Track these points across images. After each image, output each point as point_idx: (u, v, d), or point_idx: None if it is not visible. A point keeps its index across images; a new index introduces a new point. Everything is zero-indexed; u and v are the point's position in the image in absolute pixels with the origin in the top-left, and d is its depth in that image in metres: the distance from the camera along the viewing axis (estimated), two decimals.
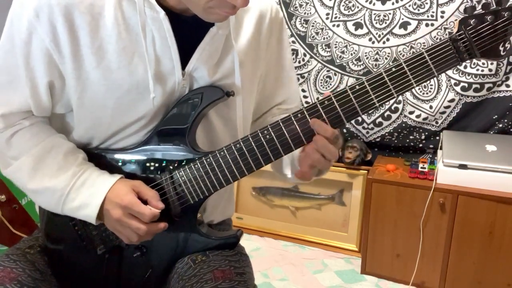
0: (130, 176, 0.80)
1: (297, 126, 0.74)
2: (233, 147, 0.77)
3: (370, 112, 1.86)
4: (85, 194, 0.76)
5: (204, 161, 0.78)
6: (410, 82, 0.70)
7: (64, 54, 0.73)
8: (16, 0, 0.73)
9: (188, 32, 0.77)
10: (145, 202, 0.75)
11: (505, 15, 0.67)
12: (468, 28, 0.68)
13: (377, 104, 0.71)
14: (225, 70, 0.81)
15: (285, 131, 0.74)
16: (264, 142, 0.75)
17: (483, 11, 0.68)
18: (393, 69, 0.70)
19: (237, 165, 0.77)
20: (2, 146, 0.80)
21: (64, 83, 0.77)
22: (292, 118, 0.74)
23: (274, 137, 0.75)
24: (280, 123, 0.75)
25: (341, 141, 0.78)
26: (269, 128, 0.75)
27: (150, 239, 0.78)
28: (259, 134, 0.76)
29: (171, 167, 0.80)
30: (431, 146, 2.06)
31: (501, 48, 0.68)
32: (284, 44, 0.93)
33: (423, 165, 1.89)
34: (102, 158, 0.82)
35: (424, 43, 1.95)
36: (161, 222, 0.77)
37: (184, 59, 0.78)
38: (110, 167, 0.81)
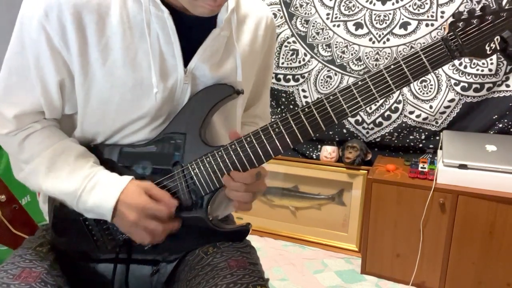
0: (142, 169, 0.82)
1: (304, 119, 0.78)
2: (243, 140, 0.79)
3: (371, 105, 1.84)
4: (97, 197, 0.77)
5: (216, 154, 0.80)
6: (408, 78, 0.77)
7: (72, 52, 0.75)
8: (26, 2, 0.74)
9: (192, 31, 0.80)
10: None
11: (489, 18, 0.75)
12: (457, 30, 0.76)
13: (379, 98, 0.78)
14: (227, 71, 0.84)
15: (293, 125, 0.78)
16: (273, 135, 0.78)
17: (469, 16, 0.77)
18: (392, 66, 0.77)
19: (247, 157, 0.79)
20: (14, 149, 0.81)
21: (74, 82, 0.78)
22: (300, 112, 0.78)
23: (282, 130, 0.78)
24: (289, 117, 0.78)
25: (263, 175, 0.82)
26: (278, 122, 0.78)
27: (161, 241, 0.80)
28: (269, 127, 0.78)
29: (183, 161, 0.81)
30: (431, 146, 2.06)
31: (487, 48, 0.76)
32: (272, 57, 0.98)
33: (423, 165, 1.89)
34: (114, 153, 0.83)
35: (424, 43, 1.94)
36: (175, 222, 0.80)
37: (187, 58, 0.80)
38: (123, 161, 0.82)
